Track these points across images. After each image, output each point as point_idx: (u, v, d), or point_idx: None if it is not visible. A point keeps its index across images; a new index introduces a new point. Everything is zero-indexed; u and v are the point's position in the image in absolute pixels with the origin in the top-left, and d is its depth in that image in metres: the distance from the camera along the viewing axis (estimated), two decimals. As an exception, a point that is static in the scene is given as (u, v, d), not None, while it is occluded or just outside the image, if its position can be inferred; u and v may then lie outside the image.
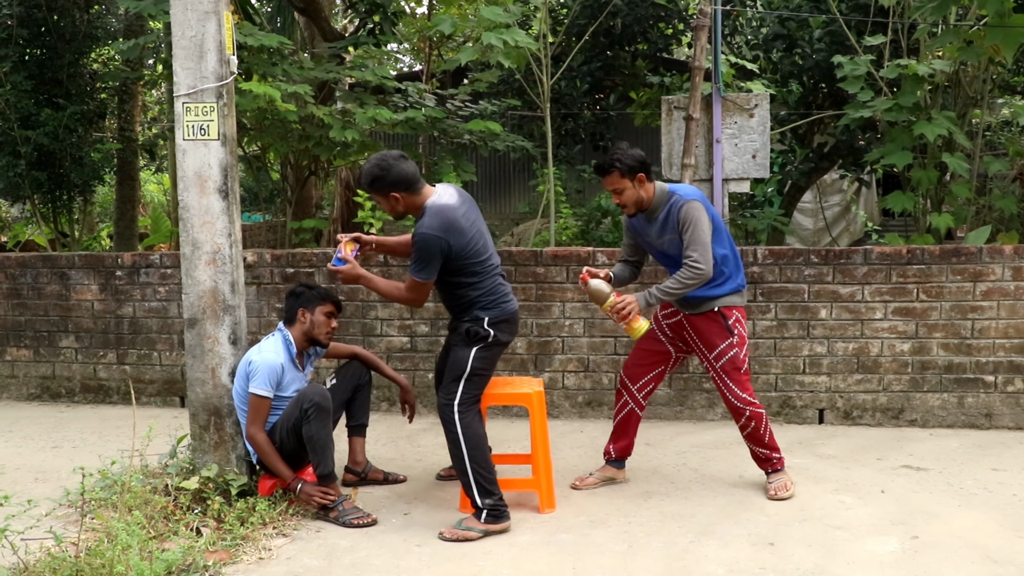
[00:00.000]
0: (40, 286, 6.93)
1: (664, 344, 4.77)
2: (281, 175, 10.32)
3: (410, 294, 4.22)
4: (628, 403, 4.82)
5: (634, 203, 4.49)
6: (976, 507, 4.43)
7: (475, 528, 4.11)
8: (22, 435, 5.99)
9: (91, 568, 3.30)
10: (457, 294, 4.28)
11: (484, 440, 4.24)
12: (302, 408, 4.26)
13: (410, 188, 4.20)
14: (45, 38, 9.26)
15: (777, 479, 4.68)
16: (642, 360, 4.79)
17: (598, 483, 4.86)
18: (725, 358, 4.53)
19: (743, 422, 4.60)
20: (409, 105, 8.57)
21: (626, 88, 11.48)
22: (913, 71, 6.85)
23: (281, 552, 3.94)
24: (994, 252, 5.89)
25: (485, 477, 4.16)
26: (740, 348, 4.54)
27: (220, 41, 4.36)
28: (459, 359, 4.25)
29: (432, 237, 4.09)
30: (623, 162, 4.41)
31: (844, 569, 3.71)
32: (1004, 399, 5.93)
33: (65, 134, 9.02)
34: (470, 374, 4.23)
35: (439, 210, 4.15)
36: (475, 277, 4.23)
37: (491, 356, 4.31)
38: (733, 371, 4.54)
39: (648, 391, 4.81)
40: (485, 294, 4.25)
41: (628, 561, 3.81)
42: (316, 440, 4.27)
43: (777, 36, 10.00)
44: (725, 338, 4.52)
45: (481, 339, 4.22)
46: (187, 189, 4.43)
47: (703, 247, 4.33)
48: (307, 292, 4.61)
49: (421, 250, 4.12)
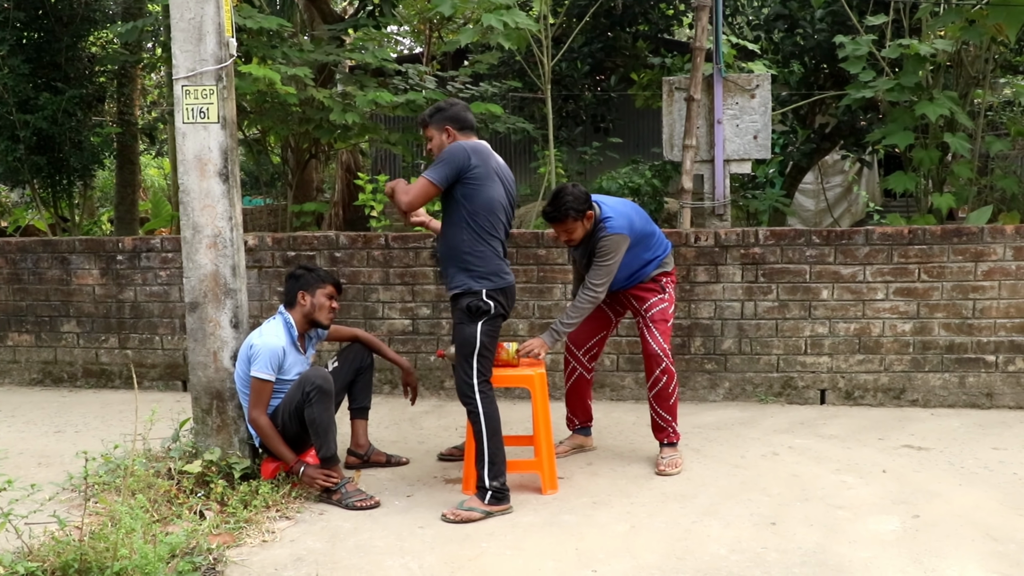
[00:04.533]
0: (41, 271, 6.92)
1: (604, 311, 4.97)
2: (282, 158, 10.30)
3: (408, 191, 4.19)
4: (576, 368, 5.05)
5: (582, 238, 4.68)
6: (977, 486, 4.44)
7: (478, 508, 4.12)
8: (25, 420, 6.00)
9: (95, 551, 3.30)
10: (455, 240, 4.23)
11: (500, 425, 4.25)
12: (304, 391, 4.26)
13: (463, 128, 4.38)
14: (43, 21, 9.22)
15: (670, 455, 4.80)
16: (585, 327, 4.94)
17: (569, 451, 5.07)
18: (656, 309, 4.80)
19: (656, 374, 4.76)
20: (410, 87, 8.54)
21: (627, 69, 11.44)
22: (915, 51, 6.82)
23: (284, 535, 3.95)
24: (995, 232, 5.88)
25: (499, 459, 4.20)
26: (670, 304, 4.84)
27: (219, 23, 4.34)
28: (468, 336, 4.25)
29: (459, 147, 4.22)
30: (577, 208, 4.57)
31: (846, 548, 3.72)
32: (1005, 379, 5.93)
33: (64, 118, 8.99)
34: (480, 349, 4.24)
35: (480, 145, 4.33)
36: (473, 230, 4.20)
37: (495, 329, 4.32)
38: (661, 321, 4.79)
39: (593, 355, 5.06)
40: (479, 261, 4.21)
41: (631, 541, 3.82)
42: (318, 423, 4.27)
43: (778, 16, 9.95)
44: (657, 294, 4.83)
45: (483, 313, 4.23)
46: (187, 172, 4.42)
47: (607, 274, 4.60)
48: (307, 274, 4.60)
49: (443, 154, 4.21)
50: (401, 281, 6.42)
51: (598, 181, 9.44)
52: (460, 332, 4.28)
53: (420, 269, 6.37)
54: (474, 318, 4.23)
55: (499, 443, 4.22)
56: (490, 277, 4.23)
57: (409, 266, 6.39)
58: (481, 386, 4.23)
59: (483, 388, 4.23)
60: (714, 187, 7.24)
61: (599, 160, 10.67)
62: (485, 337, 4.24)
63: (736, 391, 6.16)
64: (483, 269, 4.22)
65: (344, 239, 6.49)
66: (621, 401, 6.24)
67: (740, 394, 6.16)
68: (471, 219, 4.20)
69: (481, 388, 4.22)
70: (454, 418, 5.82)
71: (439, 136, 4.38)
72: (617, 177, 9.08)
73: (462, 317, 4.26)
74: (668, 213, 9.45)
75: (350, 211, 12.47)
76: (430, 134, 4.42)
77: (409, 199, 4.18)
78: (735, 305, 6.12)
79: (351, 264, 6.45)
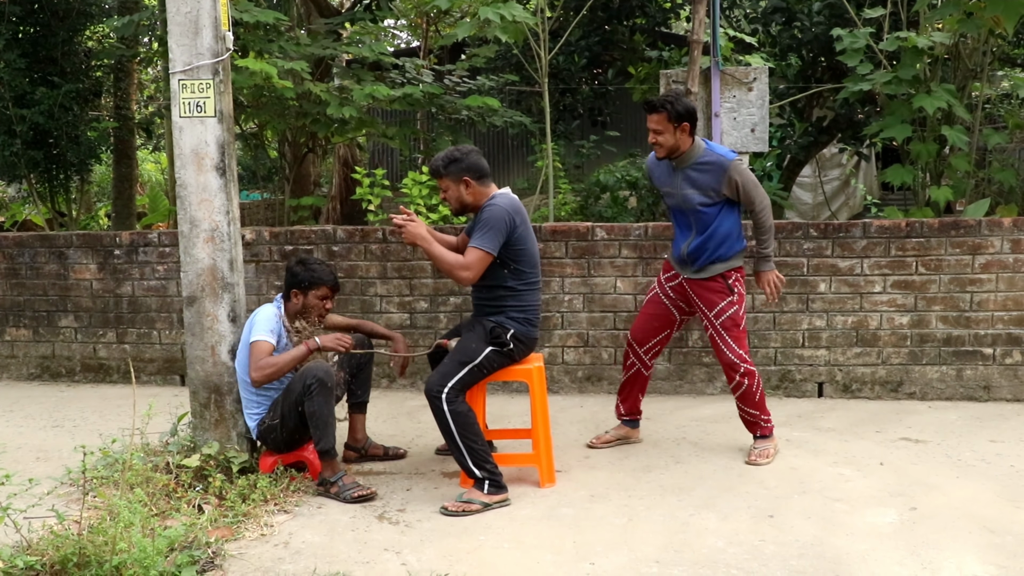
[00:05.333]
0: (38, 266, 6.92)
1: (668, 308, 4.90)
2: (279, 153, 10.28)
3: (469, 266, 4.20)
4: (635, 364, 5.00)
5: (667, 148, 4.60)
6: (974, 478, 4.45)
7: (477, 500, 4.13)
8: (23, 414, 6.00)
9: (94, 545, 3.31)
10: (495, 292, 4.34)
11: (472, 416, 4.24)
12: (305, 383, 4.26)
13: (482, 178, 4.34)
14: (38, 15, 9.19)
15: (762, 445, 4.81)
16: (648, 324, 4.93)
17: (613, 440, 5.10)
18: (725, 315, 4.66)
19: (736, 379, 4.70)
20: (407, 81, 8.53)
21: (624, 63, 11.41)
22: (913, 43, 6.81)
23: (283, 528, 3.96)
24: (993, 225, 5.88)
25: (477, 447, 4.20)
26: (739, 306, 4.68)
27: (215, 17, 4.33)
28: (473, 348, 4.27)
29: (501, 210, 4.21)
30: (673, 107, 4.53)
31: (843, 540, 3.73)
32: (1002, 371, 5.94)
33: (61, 113, 8.97)
34: (476, 367, 4.25)
35: (508, 196, 4.34)
36: (519, 281, 4.31)
37: (497, 363, 4.34)
38: (732, 327, 4.67)
39: (654, 353, 5.00)
40: (520, 306, 4.33)
41: (628, 534, 3.83)
42: (318, 416, 4.27)
43: (776, 9, 9.93)
44: (725, 296, 4.66)
45: (500, 343, 4.27)
46: (184, 167, 4.42)
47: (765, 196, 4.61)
48: (302, 274, 4.56)
49: (489, 220, 4.19)
50: (399, 275, 6.41)
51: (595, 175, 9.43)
52: (468, 340, 4.31)
53: (418, 263, 6.37)
54: (489, 340, 4.27)
55: (473, 434, 4.20)
56: (523, 323, 4.35)
57: (407, 260, 6.39)
58: (451, 393, 4.19)
59: (452, 396, 4.20)
60: (712, 180, 7.22)
61: (596, 154, 10.67)
62: (485, 361, 4.27)
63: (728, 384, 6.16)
64: (520, 315, 4.34)
65: (341, 233, 6.49)
66: (619, 394, 6.23)
67: (737, 387, 6.16)
68: (514, 276, 4.30)
69: (450, 395, 4.19)
70: (452, 412, 5.81)
71: (456, 188, 4.34)
72: (615, 171, 9.06)
73: (479, 332, 4.31)
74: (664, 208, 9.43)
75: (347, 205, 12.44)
76: (445, 185, 4.37)
77: (472, 275, 4.21)
78: (733, 298, 6.12)
79: (348, 258, 6.45)
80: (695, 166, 4.58)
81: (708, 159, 4.57)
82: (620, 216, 8.67)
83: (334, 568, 3.54)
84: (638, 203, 9.28)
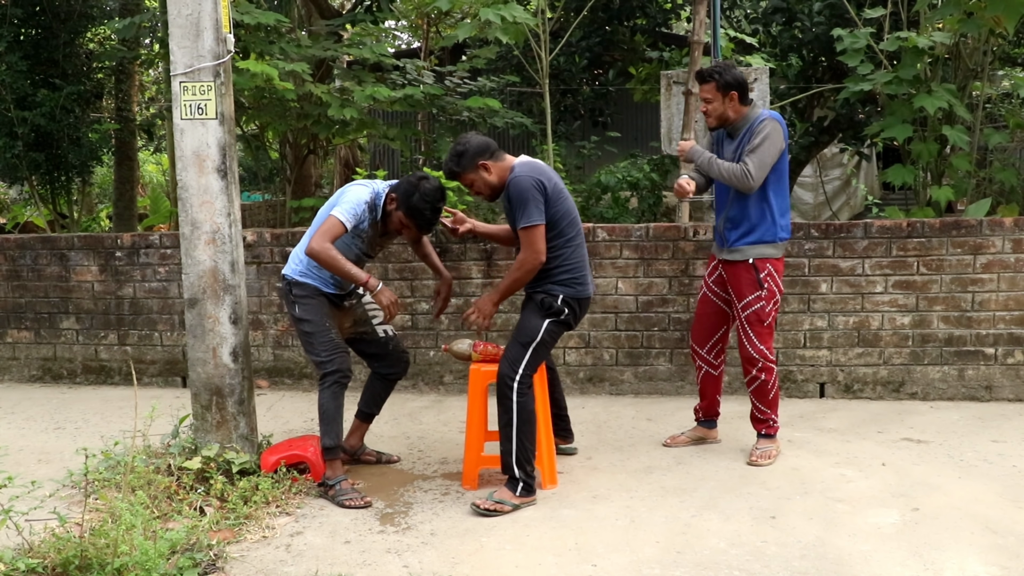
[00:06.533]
0: (40, 268, 6.92)
1: (717, 303, 4.93)
2: (280, 154, 10.29)
3: (529, 249, 4.15)
4: (702, 366, 5.05)
5: (717, 117, 4.68)
6: (976, 479, 4.45)
7: (508, 501, 4.14)
8: (25, 417, 6.00)
9: (95, 548, 3.31)
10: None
11: (535, 416, 4.25)
12: (323, 367, 4.31)
13: (494, 154, 4.30)
14: (40, 17, 9.21)
15: (765, 446, 4.82)
16: (702, 324, 5.00)
17: (688, 441, 5.10)
18: (751, 309, 4.70)
19: (753, 373, 4.74)
20: (407, 82, 8.54)
21: (625, 63, 11.43)
22: (913, 43, 6.81)
23: (284, 530, 3.96)
24: (994, 225, 5.88)
25: (528, 448, 4.20)
26: (768, 302, 4.70)
27: (216, 19, 4.33)
28: (531, 326, 4.24)
29: (524, 177, 4.15)
30: (722, 77, 4.60)
31: (845, 541, 3.72)
32: (1004, 371, 5.94)
33: (62, 115, 8.99)
34: (539, 344, 4.23)
35: (528, 161, 4.29)
36: (561, 239, 4.23)
37: (558, 333, 4.32)
38: (756, 323, 4.70)
39: (718, 351, 5.02)
40: (565, 266, 4.25)
41: (630, 536, 3.83)
42: (325, 410, 4.29)
43: (776, 9, 9.94)
44: (754, 290, 4.68)
45: (555, 313, 4.24)
46: (185, 169, 4.42)
47: (761, 164, 4.51)
48: (413, 193, 4.31)
49: (519, 195, 4.13)
50: (400, 276, 6.41)
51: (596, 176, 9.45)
52: (525, 319, 4.28)
53: (419, 264, 6.36)
54: (545, 313, 4.24)
55: (531, 436, 4.21)
56: (571, 284, 4.27)
57: (408, 261, 6.39)
58: (522, 380, 4.20)
59: (524, 381, 4.20)
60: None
61: (597, 154, 10.68)
62: (547, 335, 4.25)
63: (736, 384, 6.16)
64: (566, 276, 4.27)
65: (343, 235, 6.47)
66: (620, 395, 6.24)
67: (739, 388, 6.15)
68: (555, 235, 4.22)
69: (522, 380, 4.20)
70: (454, 413, 5.82)
71: (478, 176, 4.29)
72: (616, 171, 9.08)
73: (533, 308, 4.28)
74: (667, 207, 9.44)
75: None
76: (468, 180, 4.33)
77: (540, 252, 4.15)
78: (734, 299, 6.12)
79: (350, 260, 6.43)
80: (746, 134, 4.66)
81: (751, 120, 4.64)
82: (621, 217, 8.68)
83: (336, 570, 3.54)
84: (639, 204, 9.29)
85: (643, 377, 6.22)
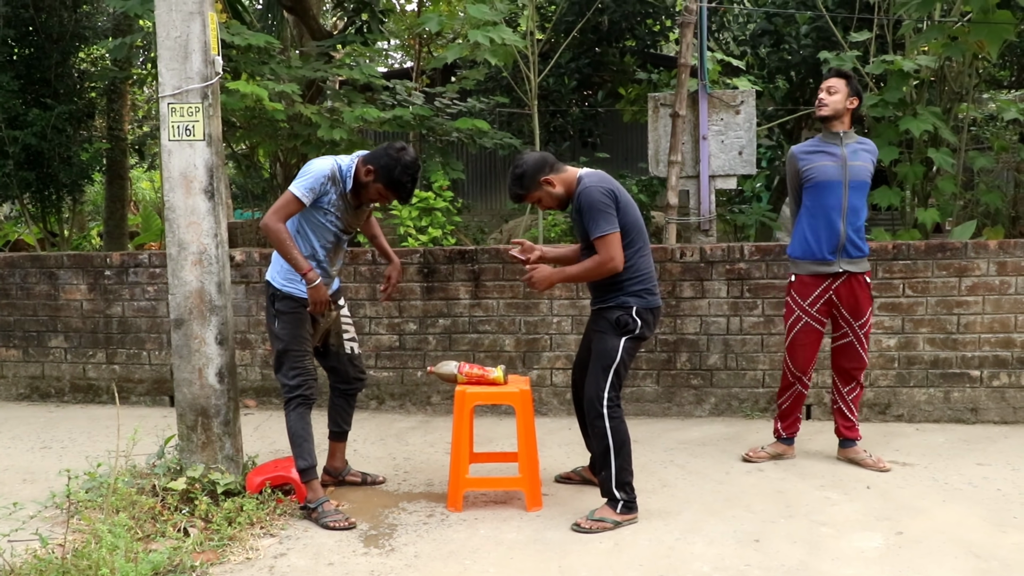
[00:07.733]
0: (29, 286, 6.92)
1: (820, 330, 5.04)
2: (271, 172, 10.32)
3: (605, 254, 4.13)
4: (797, 388, 5.14)
5: (832, 108, 4.91)
6: (961, 502, 4.46)
7: (609, 518, 4.17)
8: (11, 435, 5.98)
9: (77, 570, 3.30)
10: None
11: (628, 438, 4.25)
12: (288, 384, 4.30)
13: (554, 166, 4.32)
14: (32, 37, 9.25)
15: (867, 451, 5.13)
16: (810, 353, 5.05)
17: (767, 458, 5.19)
18: (868, 323, 4.99)
19: (859, 380, 5.06)
20: (397, 103, 8.58)
21: (614, 84, 11.51)
22: (899, 67, 6.88)
23: (268, 552, 3.95)
24: (979, 247, 5.92)
25: (626, 472, 4.22)
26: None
27: (205, 42, 4.36)
28: (608, 348, 4.23)
29: (593, 188, 4.15)
30: (854, 82, 4.91)
31: (829, 565, 3.73)
32: (990, 393, 5.96)
33: (54, 134, 9.01)
34: (618, 364, 4.22)
35: (595, 172, 4.31)
36: (630, 249, 4.22)
37: (635, 349, 4.32)
38: (868, 335, 5.02)
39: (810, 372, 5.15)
40: (635, 277, 4.23)
41: (614, 559, 3.83)
42: (295, 432, 4.29)
43: (764, 32, 10.03)
44: (870, 304, 4.99)
45: (629, 330, 4.22)
46: (173, 190, 4.44)
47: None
48: (392, 165, 4.23)
49: (590, 206, 4.12)
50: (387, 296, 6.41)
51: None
52: (601, 342, 4.26)
53: (407, 284, 6.38)
54: (619, 332, 4.23)
55: (627, 457, 4.22)
56: (642, 294, 4.26)
57: (396, 282, 6.39)
58: (610, 401, 4.21)
59: (612, 402, 4.21)
60: (700, 203, 7.28)
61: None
62: (626, 354, 4.24)
63: (722, 406, 6.18)
64: (638, 287, 4.25)
65: (331, 255, 6.49)
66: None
67: (726, 409, 6.19)
68: (624, 239, 4.19)
69: (610, 403, 4.21)
70: (440, 434, 5.82)
71: (544, 192, 4.33)
72: (605, 192, 9.10)
73: (607, 328, 4.26)
74: (655, 228, 9.48)
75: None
76: (536, 198, 4.36)
77: (618, 259, 4.13)
78: (721, 320, 6.15)
79: (338, 280, 6.45)
80: (858, 143, 4.93)
81: (864, 141, 4.97)
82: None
83: (319, 593, 3.53)
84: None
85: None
